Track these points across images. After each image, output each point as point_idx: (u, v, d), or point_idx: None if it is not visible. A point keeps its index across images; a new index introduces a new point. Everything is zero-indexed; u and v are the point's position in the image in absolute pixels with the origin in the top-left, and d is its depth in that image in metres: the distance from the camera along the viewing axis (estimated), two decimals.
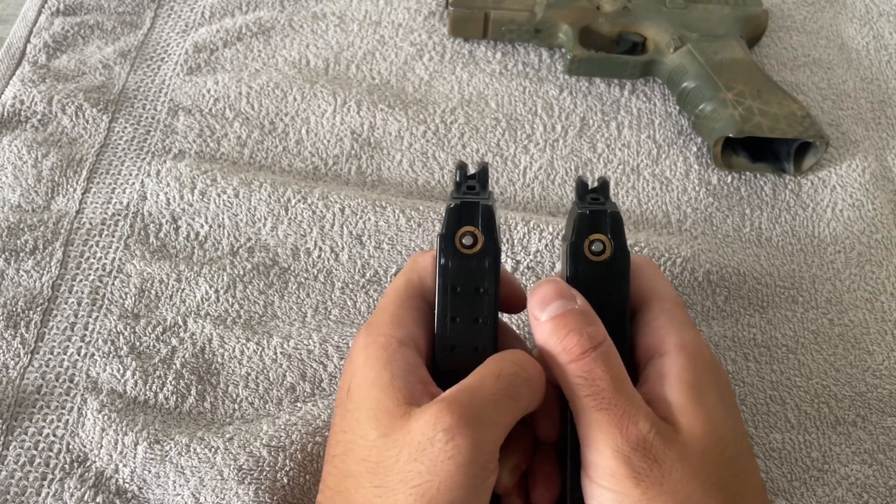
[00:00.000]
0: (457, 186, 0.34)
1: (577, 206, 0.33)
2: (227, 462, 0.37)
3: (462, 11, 0.57)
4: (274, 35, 0.58)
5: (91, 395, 0.40)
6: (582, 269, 0.33)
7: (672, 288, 0.35)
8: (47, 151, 0.50)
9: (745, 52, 0.54)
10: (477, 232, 0.32)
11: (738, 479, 0.30)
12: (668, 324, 0.33)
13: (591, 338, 0.30)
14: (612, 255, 0.33)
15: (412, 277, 0.34)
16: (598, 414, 0.29)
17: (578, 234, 0.33)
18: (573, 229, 0.33)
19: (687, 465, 0.29)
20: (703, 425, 0.30)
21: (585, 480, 0.30)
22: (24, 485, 0.37)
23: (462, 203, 0.32)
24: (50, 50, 0.56)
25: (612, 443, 0.29)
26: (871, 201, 0.51)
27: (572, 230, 0.33)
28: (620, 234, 0.33)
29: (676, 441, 0.29)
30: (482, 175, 0.35)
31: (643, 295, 0.34)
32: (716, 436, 0.30)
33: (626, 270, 0.33)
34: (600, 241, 0.33)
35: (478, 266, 0.32)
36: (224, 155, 0.51)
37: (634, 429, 0.29)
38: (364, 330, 0.33)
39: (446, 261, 0.32)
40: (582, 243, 0.33)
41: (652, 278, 0.35)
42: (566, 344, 0.30)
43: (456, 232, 0.32)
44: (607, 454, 0.29)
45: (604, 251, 0.33)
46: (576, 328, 0.30)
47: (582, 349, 0.30)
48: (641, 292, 0.34)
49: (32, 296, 0.44)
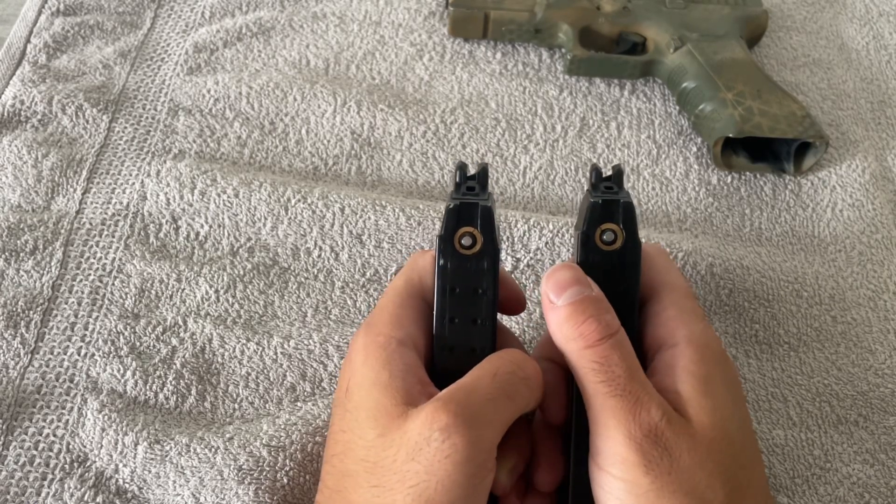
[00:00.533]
0: (456, 187, 0.34)
1: (591, 195, 0.33)
2: (227, 462, 0.37)
3: (462, 11, 0.57)
4: (274, 35, 0.58)
5: (91, 395, 0.40)
6: (592, 257, 0.33)
7: (683, 278, 0.35)
8: (47, 151, 0.50)
9: (745, 53, 0.54)
10: (476, 233, 0.32)
11: (744, 471, 0.30)
12: (677, 315, 0.33)
13: (608, 325, 0.30)
14: (623, 245, 0.33)
15: (411, 277, 0.34)
16: (612, 400, 0.29)
17: (590, 223, 0.33)
18: (585, 218, 0.33)
19: (695, 456, 0.29)
20: (710, 417, 0.30)
21: (594, 468, 0.30)
22: (24, 485, 0.37)
23: (461, 204, 0.32)
24: (50, 50, 0.56)
25: (624, 429, 0.29)
26: (871, 201, 0.51)
27: (584, 219, 0.33)
28: (633, 225, 0.33)
29: (685, 431, 0.29)
30: (482, 176, 0.34)
31: (653, 285, 0.34)
32: (723, 428, 0.30)
33: (638, 261, 0.33)
34: (612, 231, 0.33)
35: (476, 267, 0.32)
36: (224, 155, 0.51)
37: (647, 416, 0.29)
38: (363, 329, 0.33)
39: (445, 261, 0.32)
40: (593, 232, 0.33)
41: (663, 268, 0.35)
42: (584, 330, 0.30)
43: (455, 233, 0.32)
44: (619, 440, 0.29)
45: (615, 241, 0.33)
46: (594, 315, 0.30)
47: (599, 336, 0.30)
48: (652, 282, 0.34)
49: (32, 296, 0.44)
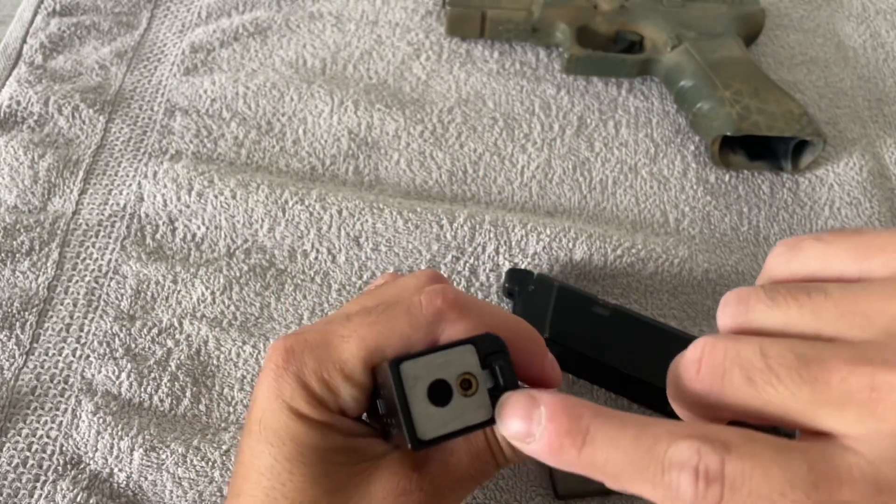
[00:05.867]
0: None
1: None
2: (227, 479, 0.37)
3: (459, 11, 0.57)
4: (271, 35, 0.58)
5: (86, 397, 0.40)
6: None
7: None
8: (44, 152, 0.49)
9: (743, 51, 0.54)
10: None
11: None
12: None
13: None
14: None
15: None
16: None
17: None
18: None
19: None
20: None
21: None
22: (16, 486, 0.37)
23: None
24: (46, 51, 0.56)
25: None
26: (869, 199, 0.51)
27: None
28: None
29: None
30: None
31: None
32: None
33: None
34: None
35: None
36: (221, 155, 0.51)
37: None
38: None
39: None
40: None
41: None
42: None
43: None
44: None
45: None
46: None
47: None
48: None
49: (28, 297, 0.43)
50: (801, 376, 0.20)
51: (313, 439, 0.28)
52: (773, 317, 0.23)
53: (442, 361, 0.26)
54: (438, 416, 0.25)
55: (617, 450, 0.21)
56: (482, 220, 0.47)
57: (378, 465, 0.28)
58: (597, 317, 0.41)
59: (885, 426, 0.19)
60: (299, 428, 0.28)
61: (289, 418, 0.28)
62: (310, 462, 0.28)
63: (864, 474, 0.19)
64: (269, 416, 0.28)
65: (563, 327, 0.41)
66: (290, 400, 0.28)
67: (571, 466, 0.23)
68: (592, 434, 0.22)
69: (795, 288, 0.23)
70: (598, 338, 0.41)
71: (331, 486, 0.28)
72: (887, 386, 0.19)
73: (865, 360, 0.20)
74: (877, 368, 0.19)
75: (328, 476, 0.28)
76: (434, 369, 0.26)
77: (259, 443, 0.28)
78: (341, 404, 0.28)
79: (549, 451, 0.23)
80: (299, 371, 0.28)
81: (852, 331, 0.21)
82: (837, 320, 0.21)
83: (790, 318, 0.22)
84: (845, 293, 0.22)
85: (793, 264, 0.24)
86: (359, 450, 0.29)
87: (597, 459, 0.22)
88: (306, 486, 0.27)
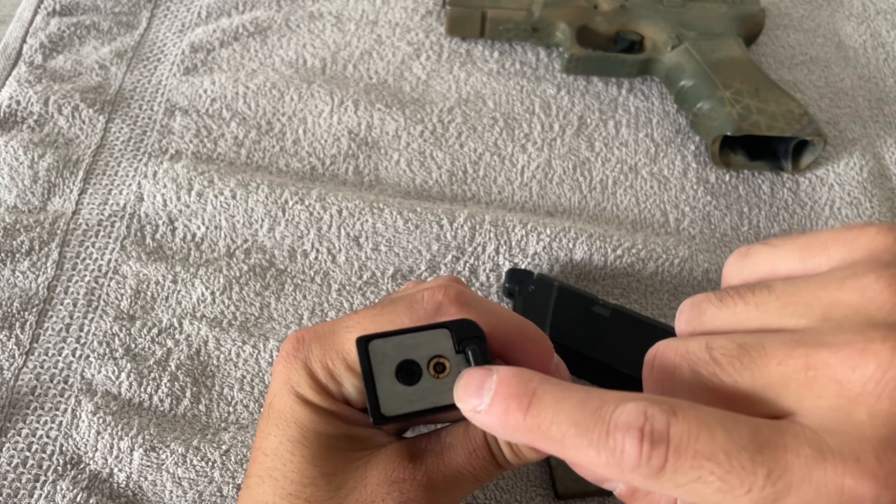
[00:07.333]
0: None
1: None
2: (226, 479, 0.37)
3: (459, 10, 0.57)
4: (270, 35, 0.58)
5: (86, 397, 0.40)
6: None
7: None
8: (44, 152, 0.49)
9: (743, 51, 0.54)
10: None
11: None
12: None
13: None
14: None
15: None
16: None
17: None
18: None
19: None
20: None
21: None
22: (16, 486, 0.37)
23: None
24: (46, 50, 0.56)
25: None
26: (869, 199, 0.51)
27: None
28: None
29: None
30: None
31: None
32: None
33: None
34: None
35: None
36: (221, 155, 0.51)
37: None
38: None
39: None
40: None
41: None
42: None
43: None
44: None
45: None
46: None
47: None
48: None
49: (28, 297, 0.43)
50: (742, 363, 0.21)
51: (316, 424, 0.29)
52: (722, 316, 0.24)
53: (413, 343, 0.27)
54: (405, 394, 0.26)
55: (562, 412, 0.22)
56: (482, 220, 0.47)
57: (377, 453, 0.29)
58: (597, 317, 0.41)
59: (822, 401, 0.20)
60: (304, 412, 0.29)
61: (295, 403, 0.29)
62: (311, 445, 0.29)
63: (809, 441, 0.19)
64: (278, 401, 0.30)
65: (563, 327, 0.41)
66: (297, 386, 0.29)
67: (518, 432, 0.23)
68: (539, 396, 0.22)
69: (742, 287, 0.24)
70: (598, 338, 0.41)
71: (329, 468, 0.29)
72: (821, 364, 0.20)
73: (801, 343, 0.21)
74: (810, 349, 0.20)
75: (327, 459, 0.29)
76: (405, 349, 0.26)
77: (268, 425, 0.30)
78: (344, 393, 0.30)
79: (497, 416, 0.23)
80: (306, 359, 0.29)
81: (794, 319, 0.22)
82: (780, 311, 0.22)
83: (738, 315, 0.23)
84: (787, 286, 0.23)
85: (744, 270, 0.26)
86: (360, 438, 0.30)
87: (542, 422, 0.22)
88: (305, 467, 0.29)
